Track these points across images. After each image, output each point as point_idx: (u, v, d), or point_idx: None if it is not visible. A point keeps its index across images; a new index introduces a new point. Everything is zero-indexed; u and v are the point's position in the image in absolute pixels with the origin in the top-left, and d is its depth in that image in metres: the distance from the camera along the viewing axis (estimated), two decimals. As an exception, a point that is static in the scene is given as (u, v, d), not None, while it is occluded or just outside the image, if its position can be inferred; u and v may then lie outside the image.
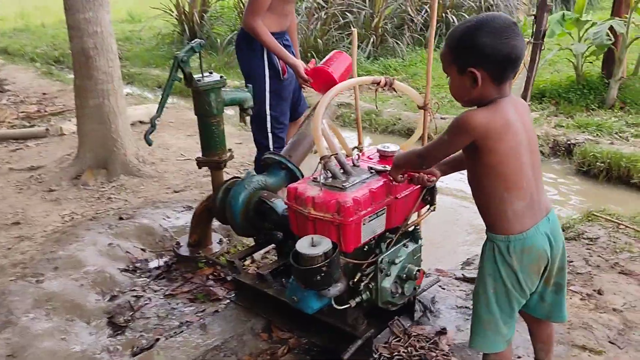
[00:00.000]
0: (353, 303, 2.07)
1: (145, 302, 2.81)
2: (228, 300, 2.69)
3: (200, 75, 2.65)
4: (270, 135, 3.42)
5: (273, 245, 2.76)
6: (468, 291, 2.76)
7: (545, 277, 1.81)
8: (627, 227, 3.44)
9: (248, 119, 3.12)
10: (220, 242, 3.19)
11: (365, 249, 2.09)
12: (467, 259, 3.27)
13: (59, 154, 5.37)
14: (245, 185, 2.67)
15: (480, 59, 1.71)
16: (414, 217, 2.26)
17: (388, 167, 2.09)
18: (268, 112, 3.37)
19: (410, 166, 1.99)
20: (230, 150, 2.88)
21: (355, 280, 2.08)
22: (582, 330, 2.44)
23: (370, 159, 2.28)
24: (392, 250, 2.13)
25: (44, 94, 7.89)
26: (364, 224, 1.97)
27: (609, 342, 2.37)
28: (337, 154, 2.09)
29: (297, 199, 2.01)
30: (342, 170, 2.09)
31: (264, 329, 2.50)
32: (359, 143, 2.97)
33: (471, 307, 2.63)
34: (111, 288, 2.92)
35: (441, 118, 5.98)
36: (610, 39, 6.09)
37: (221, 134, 2.76)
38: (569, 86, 6.97)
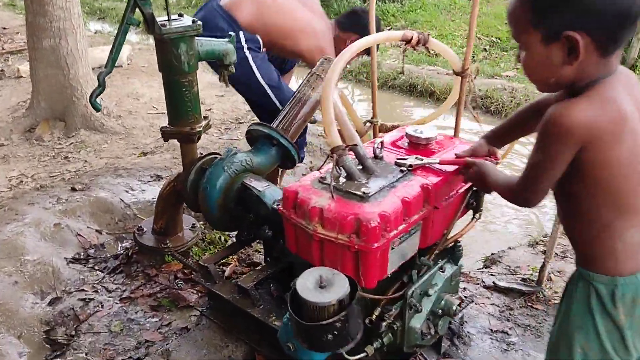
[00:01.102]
0: (370, 350, 1.50)
1: (96, 308, 2.21)
2: (200, 312, 2.11)
3: (166, 18, 1.97)
4: (278, 105, 2.73)
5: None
6: (502, 306, 2.21)
7: None
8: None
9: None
10: (194, 227, 2.58)
11: (388, 276, 1.50)
12: (488, 256, 2.71)
13: (13, 100, 4.66)
14: (224, 167, 2.04)
15: (583, 16, 1.12)
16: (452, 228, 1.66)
17: (431, 161, 1.49)
18: (264, 83, 2.69)
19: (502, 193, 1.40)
20: (206, 117, 2.23)
21: (374, 318, 1.51)
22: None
23: (397, 146, 1.66)
24: (424, 277, 1.55)
25: (4, 28, 7.02)
26: (392, 249, 1.37)
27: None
28: (355, 145, 1.46)
29: (298, 209, 1.40)
30: (360, 166, 1.47)
31: (245, 355, 1.94)
32: (374, 116, 2.35)
33: (509, 330, 2.09)
34: (54, 286, 2.31)
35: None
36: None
37: (194, 97, 2.10)
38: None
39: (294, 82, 3.69)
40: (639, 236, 1.18)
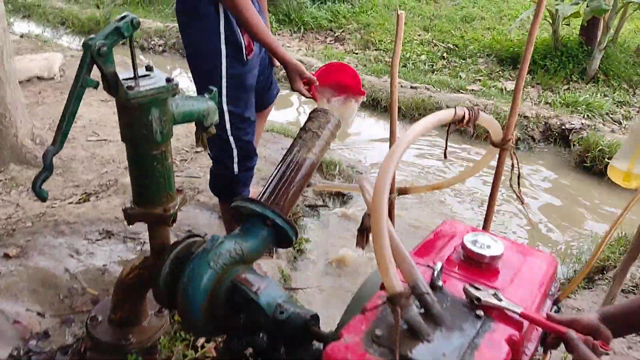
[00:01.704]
0: None
1: None
2: None
3: (132, 75, 1.52)
4: (232, 140, 2.34)
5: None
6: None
7: None
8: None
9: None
10: (160, 312, 2.12)
11: None
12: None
13: None
14: (210, 261, 1.62)
15: None
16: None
17: (514, 308, 1.12)
18: (226, 107, 2.27)
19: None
20: (180, 191, 1.78)
21: None
22: None
23: (449, 262, 1.29)
24: None
25: None
26: None
27: None
28: (418, 287, 1.08)
29: (349, 388, 1.01)
30: (422, 309, 1.10)
31: None
32: (396, 190, 1.97)
33: None
34: (-16, 404, 1.83)
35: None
36: (607, 5, 5.29)
37: (167, 171, 1.65)
38: (544, 51, 6.21)
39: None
40: None
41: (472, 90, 5.49)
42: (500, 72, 6.10)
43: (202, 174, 3.35)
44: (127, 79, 1.52)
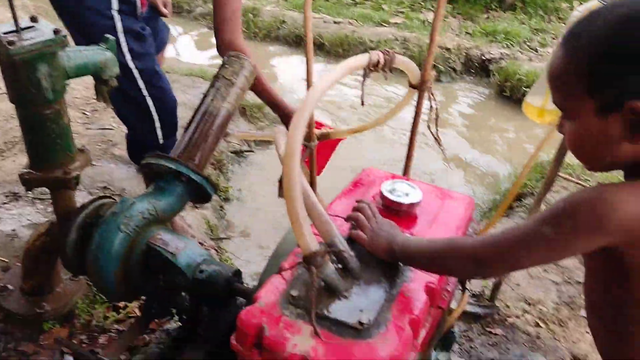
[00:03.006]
0: None
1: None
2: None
3: (14, 27, 1.34)
4: (150, 103, 2.12)
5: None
6: (459, 337, 1.97)
7: None
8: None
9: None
10: (75, 276, 2.02)
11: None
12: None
13: None
14: (120, 225, 1.52)
15: None
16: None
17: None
18: (132, 64, 2.06)
19: (441, 270, 1.05)
20: (82, 150, 1.64)
21: None
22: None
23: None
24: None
25: None
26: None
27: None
28: (334, 244, 1.04)
29: (267, 353, 0.97)
30: (339, 265, 1.07)
31: None
32: (311, 136, 1.90)
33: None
34: None
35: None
36: None
37: (64, 131, 1.51)
38: (464, -21, 6.18)
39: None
40: None
41: (396, 23, 5.42)
42: (422, 3, 6.05)
43: (115, 125, 3.16)
44: (7, 33, 1.35)
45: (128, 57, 2.01)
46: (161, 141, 2.20)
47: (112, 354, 1.53)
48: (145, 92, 2.07)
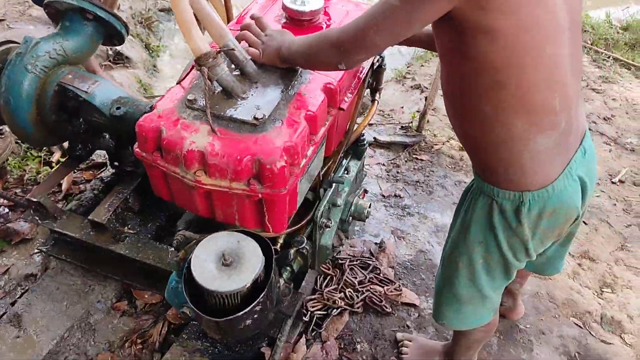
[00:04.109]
0: (280, 282, 1.26)
1: None
2: (44, 252, 1.67)
3: None
4: None
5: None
6: (388, 164, 2.05)
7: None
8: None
9: None
10: (1, 134, 1.99)
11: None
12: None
13: None
14: (27, 65, 1.47)
15: None
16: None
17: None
18: None
19: (315, 64, 1.05)
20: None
21: (279, 247, 1.24)
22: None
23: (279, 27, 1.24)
24: (330, 190, 1.28)
25: None
26: (301, 181, 1.06)
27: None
28: (228, 46, 1.03)
29: (167, 154, 1.00)
30: (237, 71, 1.07)
31: (118, 294, 1.61)
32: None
33: (401, 192, 1.97)
34: None
35: None
36: None
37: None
38: None
39: None
40: (548, 143, 0.95)
41: None
42: None
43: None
44: None
45: None
46: None
47: (39, 193, 1.55)
48: None
